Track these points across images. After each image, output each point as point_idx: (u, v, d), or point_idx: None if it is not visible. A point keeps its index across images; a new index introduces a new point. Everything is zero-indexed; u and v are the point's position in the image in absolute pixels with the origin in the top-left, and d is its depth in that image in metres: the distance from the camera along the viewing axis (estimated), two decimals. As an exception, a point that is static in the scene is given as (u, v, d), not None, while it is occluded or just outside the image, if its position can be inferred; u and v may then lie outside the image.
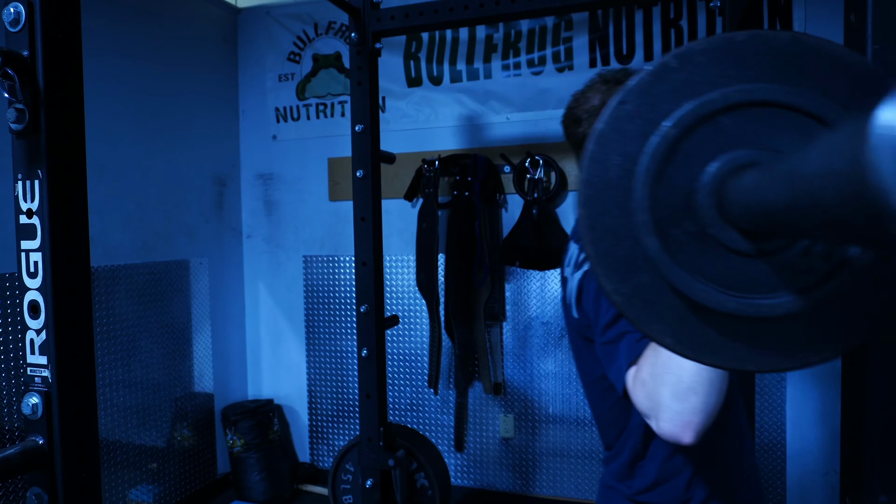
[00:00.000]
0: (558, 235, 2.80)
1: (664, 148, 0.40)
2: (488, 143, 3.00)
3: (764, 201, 0.33)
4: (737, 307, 0.40)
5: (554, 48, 2.87)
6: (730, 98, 0.39)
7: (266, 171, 3.45)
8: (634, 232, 0.41)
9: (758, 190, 0.35)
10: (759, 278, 0.40)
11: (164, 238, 2.93)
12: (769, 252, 0.40)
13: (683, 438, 0.82)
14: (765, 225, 0.36)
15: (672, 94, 0.41)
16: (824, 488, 2.65)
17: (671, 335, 0.42)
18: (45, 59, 0.76)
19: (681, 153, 0.40)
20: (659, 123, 0.41)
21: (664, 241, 0.40)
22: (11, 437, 2.14)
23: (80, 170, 0.82)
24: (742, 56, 0.40)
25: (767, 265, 0.40)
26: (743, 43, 0.40)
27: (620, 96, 0.42)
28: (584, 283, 1.05)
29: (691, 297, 0.40)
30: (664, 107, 0.41)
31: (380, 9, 1.99)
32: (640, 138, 0.41)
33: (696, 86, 0.40)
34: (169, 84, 2.96)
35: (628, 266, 0.42)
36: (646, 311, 0.42)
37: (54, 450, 0.78)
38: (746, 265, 0.40)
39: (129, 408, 2.71)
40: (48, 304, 0.78)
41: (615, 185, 0.42)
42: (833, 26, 2.49)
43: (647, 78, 0.41)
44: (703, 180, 0.40)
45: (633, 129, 0.41)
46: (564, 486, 2.94)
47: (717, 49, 0.40)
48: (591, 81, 1.13)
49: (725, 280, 0.40)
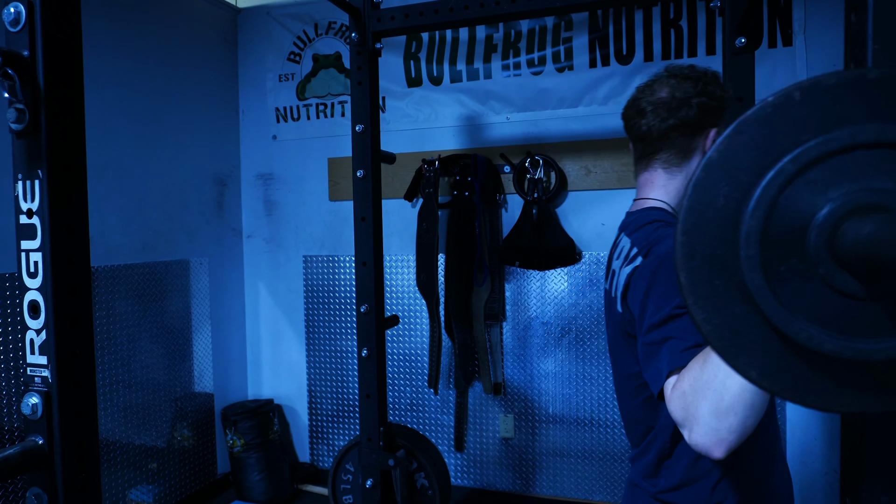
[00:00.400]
0: (558, 235, 2.80)
1: (781, 183, 0.39)
2: (488, 143, 3.00)
3: (889, 252, 0.33)
4: (835, 348, 0.39)
5: (554, 48, 2.87)
6: (858, 137, 0.38)
7: (266, 171, 3.45)
8: (736, 265, 0.40)
9: (881, 238, 0.34)
10: (863, 321, 0.39)
11: (165, 238, 2.93)
12: (877, 297, 0.39)
13: (714, 453, 0.82)
14: (884, 273, 0.35)
15: (793, 127, 0.39)
16: (824, 488, 2.65)
17: (757, 369, 0.41)
18: (45, 59, 0.76)
19: (797, 189, 0.39)
20: (776, 157, 0.39)
21: (768, 277, 0.40)
22: (11, 437, 2.14)
23: (81, 170, 0.82)
24: (875, 94, 0.39)
25: (875, 309, 0.39)
26: (877, 81, 0.39)
27: (736, 126, 0.40)
28: (633, 279, 1.04)
29: (788, 334, 0.39)
30: (783, 140, 0.39)
31: (380, 9, 1.99)
32: (753, 170, 0.40)
33: (820, 121, 0.39)
34: (169, 84, 2.96)
35: (723, 297, 0.41)
36: (734, 344, 0.41)
37: (54, 450, 0.78)
38: (851, 307, 0.39)
39: (129, 408, 2.71)
40: (48, 304, 0.78)
41: (721, 215, 0.40)
42: (833, 27, 2.49)
43: (766, 109, 0.40)
44: (817, 219, 0.39)
45: (746, 160, 0.40)
46: (564, 486, 2.94)
47: (848, 85, 0.39)
48: (658, 75, 1.12)
49: (826, 320, 0.39)
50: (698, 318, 0.41)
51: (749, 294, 0.40)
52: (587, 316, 2.88)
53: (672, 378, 0.89)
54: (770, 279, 0.39)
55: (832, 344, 0.39)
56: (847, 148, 0.38)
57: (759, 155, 0.40)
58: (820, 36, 2.54)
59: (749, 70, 1.68)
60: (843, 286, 0.39)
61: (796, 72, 2.57)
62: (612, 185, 2.82)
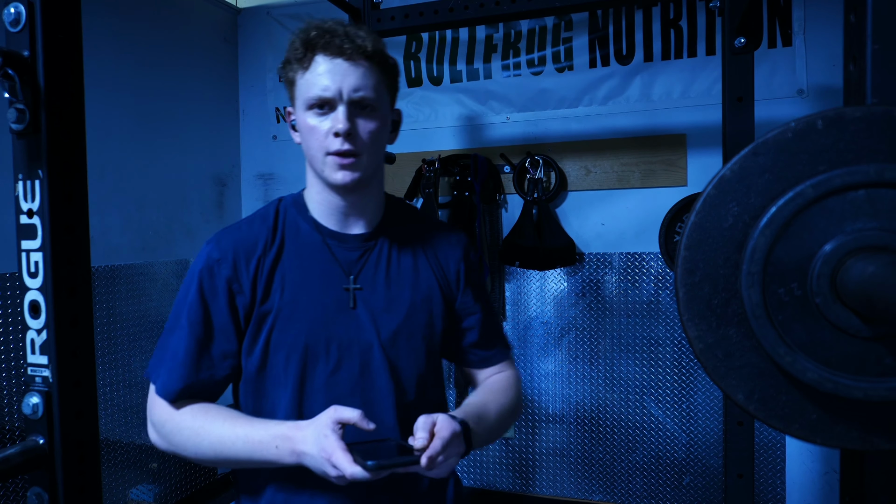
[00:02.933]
0: (558, 235, 2.80)
1: (798, 206, 0.39)
2: (488, 143, 3.00)
3: (887, 296, 0.32)
4: (816, 379, 0.39)
5: (554, 48, 2.87)
6: (885, 175, 0.37)
7: (266, 171, 3.45)
8: (736, 286, 0.40)
9: (884, 282, 0.33)
10: (851, 357, 0.39)
11: (165, 238, 2.93)
12: (869, 336, 0.38)
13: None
14: (880, 315, 0.35)
15: (812, 155, 0.39)
16: (824, 488, 2.65)
17: (744, 392, 0.41)
18: (45, 60, 0.76)
19: (812, 216, 0.39)
20: (791, 182, 0.39)
21: (766, 297, 0.40)
22: (11, 437, 2.14)
23: (81, 170, 0.82)
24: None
25: (864, 347, 0.39)
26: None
27: (753, 147, 0.40)
28: None
29: (773, 357, 0.39)
30: (800, 168, 0.39)
31: (380, 9, 1.99)
32: (765, 194, 0.40)
33: (841, 153, 0.39)
34: (169, 84, 2.96)
35: (719, 317, 0.41)
36: (725, 364, 0.41)
37: (54, 450, 0.78)
38: (841, 340, 0.39)
39: (130, 408, 2.70)
40: (48, 303, 0.78)
41: (727, 234, 0.40)
42: (833, 27, 2.49)
43: (787, 134, 0.40)
44: (825, 249, 0.39)
45: (760, 182, 0.40)
46: (564, 486, 2.95)
47: (874, 120, 0.38)
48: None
49: (814, 350, 0.39)
50: (691, 335, 0.41)
51: (745, 317, 0.40)
52: (587, 316, 2.88)
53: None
54: (768, 299, 0.39)
55: (814, 374, 0.39)
56: (872, 184, 0.38)
57: (773, 179, 0.40)
58: (820, 36, 2.54)
59: (748, 70, 1.68)
60: (837, 319, 0.39)
61: (796, 72, 2.57)
62: (612, 185, 2.82)
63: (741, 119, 1.69)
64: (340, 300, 1.07)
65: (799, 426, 0.42)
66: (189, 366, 1.04)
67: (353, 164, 1.01)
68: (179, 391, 1.04)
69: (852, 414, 0.41)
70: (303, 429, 0.94)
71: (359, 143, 1.01)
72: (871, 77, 0.46)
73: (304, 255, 1.09)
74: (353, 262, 1.10)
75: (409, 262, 1.14)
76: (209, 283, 1.05)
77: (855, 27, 0.48)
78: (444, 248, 1.19)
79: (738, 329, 0.41)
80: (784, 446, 2.67)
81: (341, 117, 0.99)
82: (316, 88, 0.99)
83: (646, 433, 2.81)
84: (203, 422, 1.03)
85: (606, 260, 2.84)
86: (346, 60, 0.99)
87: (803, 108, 2.55)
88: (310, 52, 1.00)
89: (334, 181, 1.03)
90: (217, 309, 1.05)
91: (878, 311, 0.35)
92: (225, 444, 1.00)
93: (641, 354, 2.80)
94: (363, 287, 1.09)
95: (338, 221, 1.10)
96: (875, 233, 0.38)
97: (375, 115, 1.03)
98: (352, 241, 1.10)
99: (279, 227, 1.10)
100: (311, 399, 1.06)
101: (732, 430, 1.76)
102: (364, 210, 1.11)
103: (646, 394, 2.80)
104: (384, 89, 1.05)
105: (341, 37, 0.99)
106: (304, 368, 1.05)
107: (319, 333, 1.05)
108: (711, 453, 2.72)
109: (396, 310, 1.10)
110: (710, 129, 2.65)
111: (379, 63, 1.03)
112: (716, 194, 0.41)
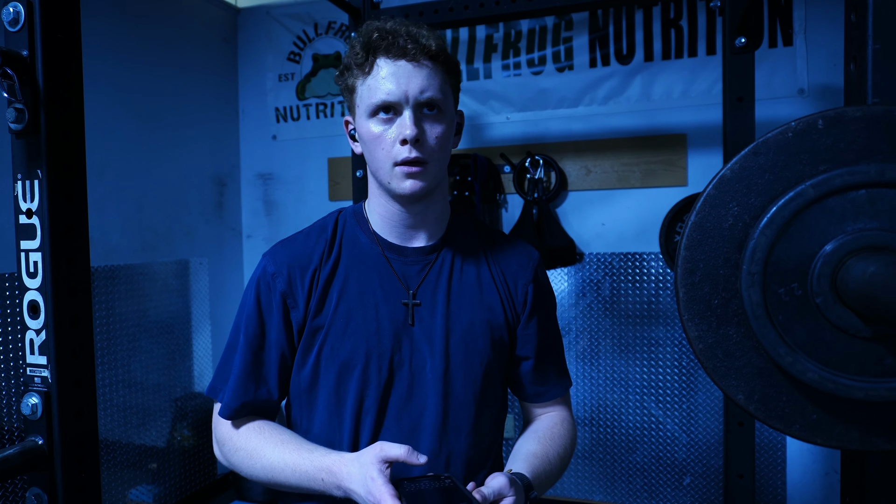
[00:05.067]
0: (558, 235, 2.80)
1: (798, 206, 0.39)
2: (488, 142, 3.00)
3: (888, 296, 0.32)
4: (816, 379, 0.39)
5: (554, 48, 2.87)
6: (886, 175, 0.37)
7: (266, 171, 3.45)
8: (737, 286, 0.40)
9: (885, 282, 0.33)
10: (852, 357, 0.39)
11: (164, 238, 2.93)
12: (869, 337, 0.38)
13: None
14: (880, 315, 0.35)
15: (812, 155, 0.39)
16: (824, 488, 2.65)
17: (744, 393, 0.41)
18: (44, 59, 0.76)
19: (813, 215, 0.39)
20: (791, 182, 0.39)
21: (766, 297, 0.39)
22: (11, 437, 2.14)
23: (80, 170, 0.82)
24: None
25: (865, 348, 0.39)
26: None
27: (753, 147, 0.40)
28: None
29: (773, 357, 0.39)
30: (801, 167, 0.39)
31: (380, 9, 1.99)
32: (766, 193, 0.40)
33: (842, 153, 0.39)
34: (169, 84, 2.96)
35: (719, 317, 0.41)
36: (724, 364, 0.41)
37: (54, 450, 0.78)
38: (842, 340, 0.39)
39: (129, 408, 2.70)
40: (48, 304, 0.78)
41: (728, 234, 0.40)
42: (833, 27, 2.49)
43: (787, 134, 0.39)
44: (826, 249, 0.39)
45: (761, 182, 0.40)
46: (564, 486, 2.94)
47: (875, 120, 0.38)
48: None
49: (815, 350, 0.39)
50: (692, 335, 0.41)
51: (745, 317, 0.40)
52: (587, 316, 2.88)
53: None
54: (768, 299, 0.39)
55: (814, 374, 0.39)
56: (873, 183, 0.38)
57: (773, 179, 0.40)
58: (820, 36, 2.54)
59: (749, 70, 1.68)
60: (837, 319, 0.39)
61: (796, 72, 2.56)
62: (612, 185, 2.82)
63: (742, 119, 1.68)
64: (397, 316, 1.02)
65: (799, 426, 0.41)
66: (246, 384, 1.02)
67: (420, 172, 0.96)
68: (236, 410, 1.03)
69: (853, 414, 0.40)
70: (347, 464, 0.90)
71: (427, 149, 0.96)
72: (871, 77, 0.46)
73: (362, 269, 1.04)
74: (413, 276, 1.05)
75: (473, 277, 1.07)
76: (266, 298, 1.04)
77: (856, 27, 0.48)
78: (512, 266, 1.11)
79: (738, 329, 0.41)
80: (785, 447, 2.67)
81: (408, 123, 0.93)
82: (380, 93, 0.94)
83: (646, 433, 2.81)
84: (256, 444, 1.01)
85: (607, 260, 2.84)
86: (409, 62, 0.94)
87: (804, 108, 2.55)
88: (371, 55, 0.95)
89: (402, 191, 0.97)
90: (272, 325, 1.03)
91: (879, 311, 0.35)
92: (276, 470, 0.98)
93: (642, 354, 2.80)
94: (422, 302, 1.04)
95: (399, 234, 1.06)
96: (876, 233, 0.38)
97: (442, 119, 0.98)
98: (413, 254, 1.06)
99: (337, 240, 1.06)
100: (362, 419, 1.02)
101: (733, 431, 1.76)
102: (427, 221, 1.06)
103: (646, 394, 2.80)
104: (449, 90, 1.00)
105: (404, 37, 0.94)
106: (353, 386, 1.01)
107: (372, 351, 1.01)
108: (712, 453, 2.72)
109: (455, 329, 1.04)
110: (710, 128, 2.65)
111: (444, 62, 0.98)
112: (716, 194, 0.41)
